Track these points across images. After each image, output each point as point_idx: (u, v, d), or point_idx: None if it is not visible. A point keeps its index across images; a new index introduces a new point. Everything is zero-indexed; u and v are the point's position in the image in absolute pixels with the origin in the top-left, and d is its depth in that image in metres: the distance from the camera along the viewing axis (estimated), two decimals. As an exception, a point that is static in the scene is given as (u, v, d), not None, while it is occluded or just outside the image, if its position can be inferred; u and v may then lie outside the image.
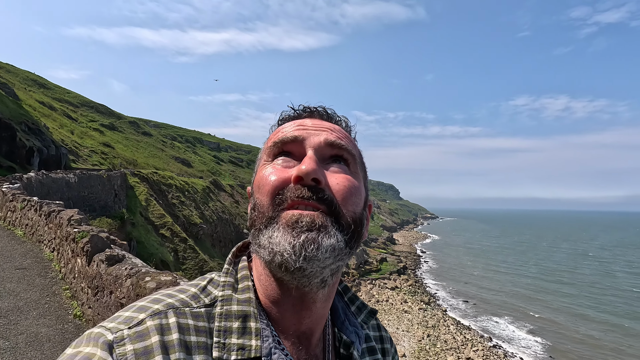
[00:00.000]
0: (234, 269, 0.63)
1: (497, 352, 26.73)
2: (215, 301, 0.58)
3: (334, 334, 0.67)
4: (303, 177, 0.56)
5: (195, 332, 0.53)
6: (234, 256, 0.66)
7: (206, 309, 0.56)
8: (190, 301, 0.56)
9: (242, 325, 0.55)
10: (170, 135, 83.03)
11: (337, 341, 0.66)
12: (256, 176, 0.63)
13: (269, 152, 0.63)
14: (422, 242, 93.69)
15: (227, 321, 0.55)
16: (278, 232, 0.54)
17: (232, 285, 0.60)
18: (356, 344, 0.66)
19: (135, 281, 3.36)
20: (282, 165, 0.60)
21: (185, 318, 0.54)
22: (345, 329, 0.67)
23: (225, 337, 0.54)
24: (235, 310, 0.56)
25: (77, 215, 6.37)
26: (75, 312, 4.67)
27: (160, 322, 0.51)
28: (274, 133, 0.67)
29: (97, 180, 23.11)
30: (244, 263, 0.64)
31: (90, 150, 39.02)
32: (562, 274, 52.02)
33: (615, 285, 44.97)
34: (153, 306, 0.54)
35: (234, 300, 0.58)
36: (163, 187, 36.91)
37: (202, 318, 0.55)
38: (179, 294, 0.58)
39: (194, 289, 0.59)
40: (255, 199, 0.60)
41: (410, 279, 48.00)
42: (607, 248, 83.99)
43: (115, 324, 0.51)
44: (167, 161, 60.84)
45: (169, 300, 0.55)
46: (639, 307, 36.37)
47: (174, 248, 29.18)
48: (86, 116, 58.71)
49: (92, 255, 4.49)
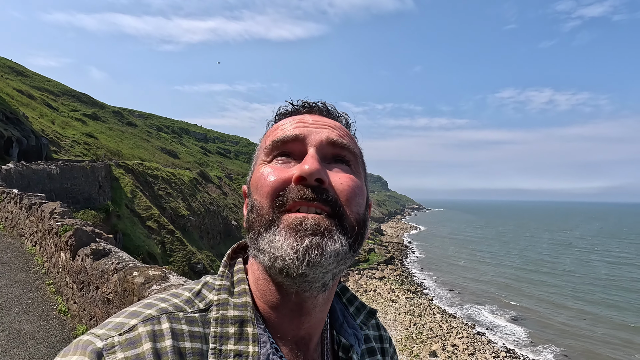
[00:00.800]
0: (230, 271, 0.60)
1: (481, 339, 27.52)
2: (210, 306, 0.55)
3: (332, 336, 0.64)
4: (306, 177, 0.53)
5: (190, 338, 0.50)
6: (230, 258, 0.62)
7: (201, 314, 0.54)
8: (184, 306, 0.54)
9: (239, 331, 0.53)
10: (155, 125, 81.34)
11: (335, 344, 0.64)
12: (253, 176, 0.60)
13: (267, 151, 0.59)
14: (409, 232, 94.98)
15: (223, 326, 0.53)
16: (280, 235, 0.52)
17: (228, 288, 0.57)
18: (355, 347, 0.63)
19: (122, 276, 3.29)
20: (281, 164, 0.57)
21: (179, 323, 0.51)
22: (344, 331, 0.64)
23: (221, 343, 0.51)
24: (232, 315, 0.54)
25: (59, 208, 6.20)
26: (60, 308, 4.57)
27: (152, 328, 0.49)
28: (271, 130, 0.63)
29: (80, 171, 22.52)
30: (240, 266, 0.61)
31: (73, 140, 37.93)
32: (544, 263, 53.62)
33: (593, 274, 46.60)
34: (145, 311, 0.51)
35: (230, 304, 0.55)
36: (149, 179, 36.28)
37: (197, 323, 0.52)
38: (173, 298, 0.55)
39: (187, 293, 0.57)
40: (252, 200, 0.57)
41: (398, 269, 48.75)
42: (586, 238, 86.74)
43: (105, 331, 0.48)
44: (153, 152, 59.70)
45: (162, 305, 0.53)
46: (615, 296, 37.87)
47: (161, 240, 28.84)
48: (67, 105, 56.93)
49: (77, 250, 4.38)
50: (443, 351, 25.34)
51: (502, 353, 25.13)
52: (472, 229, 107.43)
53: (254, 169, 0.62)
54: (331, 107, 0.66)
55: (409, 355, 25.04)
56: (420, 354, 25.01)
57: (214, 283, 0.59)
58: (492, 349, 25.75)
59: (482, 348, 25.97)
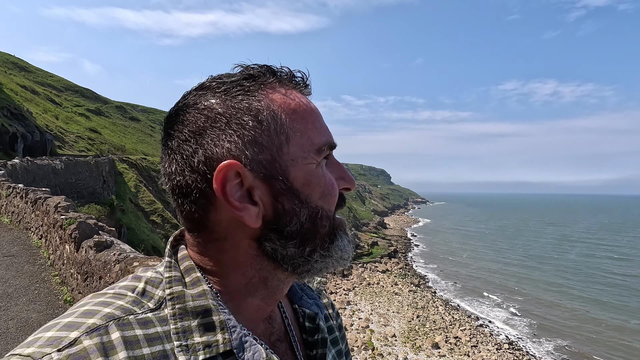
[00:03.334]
0: (175, 260, 0.55)
1: (484, 331, 27.69)
2: (161, 302, 0.49)
3: (294, 310, 0.66)
4: (351, 189, 0.58)
5: (148, 343, 0.44)
6: (172, 246, 0.57)
7: (153, 313, 0.47)
8: (132, 307, 0.47)
9: (203, 322, 0.48)
10: (158, 120, 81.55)
11: (300, 317, 0.65)
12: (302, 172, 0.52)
13: (320, 151, 0.53)
14: (412, 226, 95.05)
15: (184, 320, 0.47)
16: (342, 240, 0.55)
17: (180, 279, 0.51)
18: (319, 314, 0.65)
19: (123, 266, 3.40)
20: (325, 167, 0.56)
21: (132, 329, 0.44)
22: (305, 302, 0.67)
23: (186, 338, 0.46)
24: (192, 307, 0.48)
25: (64, 202, 6.32)
26: (65, 298, 4.70)
27: (101, 340, 0.41)
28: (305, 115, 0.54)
29: (84, 166, 22.74)
30: (184, 252, 0.55)
31: (77, 135, 38.20)
32: (547, 257, 53.53)
33: (597, 270, 46.46)
34: (87, 321, 0.43)
35: (187, 295, 0.49)
36: (153, 173, 36.52)
37: (153, 324, 0.46)
38: (116, 300, 0.47)
39: (131, 293, 0.49)
40: (316, 206, 0.52)
41: (401, 262, 48.93)
42: (591, 232, 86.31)
43: (36, 349, 0.39)
44: (156, 147, 59.95)
45: (106, 310, 0.45)
46: (618, 291, 37.81)
47: (166, 234, 29.12)
48: (71, 101, 57.19)
49: (81, 242, 4.49)
50: (446, 343, 25.54)
51: (505, 345, 25.29)
52: (475, 222, 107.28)
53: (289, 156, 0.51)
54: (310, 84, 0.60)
55: (412, 347, 25.26)
56: (423, 346, 25.22)
57: (158, 277, 0.52)
58: (495, 341, 25.92)
59: (485, 340, 26.14)
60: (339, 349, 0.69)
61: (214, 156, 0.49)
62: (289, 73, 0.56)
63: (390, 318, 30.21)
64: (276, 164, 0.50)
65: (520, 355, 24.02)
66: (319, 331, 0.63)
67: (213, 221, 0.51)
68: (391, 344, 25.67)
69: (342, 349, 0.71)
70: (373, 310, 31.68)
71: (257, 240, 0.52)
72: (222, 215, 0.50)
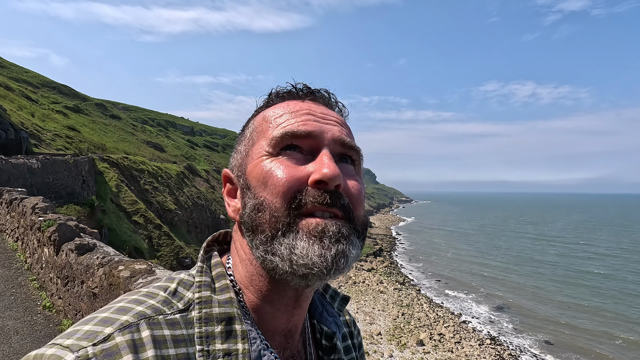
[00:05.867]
0: (208, 266, 0.56)
1: (467, 327, 28.22)
2: (190, 305, 0.51)
3: (312, 325, 0.65)
4: (327, 182, 0.50)
5: (174, 344, 0.46)
6: (205, 252, 0.60)
7: (181, 314, 0.49)
8: (162, 307, 0.49)
9: (226, 329, 0.49)
10: (140, 118, 79.72)
11: (317, 333, 0.64)
12: (254, 168, 0.55)
13: (274, 143, 0.54)
14: (397, 225, 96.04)
15: (209, 325, 0.49)
16: (302, 242, 0.49)
17: (209, 285, 0.53)
18: (337, 334, 0.64)
19: (107, 270, 3.27)
20: (291, 161, 0.53)
21: (160, 329, 0.46)
22: (324, 319, 0.65)
23: (208, 343, 0.48)
24: (217, 313, 0.50)
25: (42, 203, 6.07)
26: (44, 303, 4.50)
27: (132, 337, 0.43)
28: (274, 115, 0.57)
29: (62, 165, 21.98)
30: (217, 259, 0.57)
31: (54, 134, 36.88)
32: (528, 254, 55.04)
33: (576, 266, 48.05)
34: (121, 317, 0.45)
35: (214, 301, 0.51)
36: (135, 173, 35.65)
37: (179, 326, 0.48)
38: (148, 299, 0.49)
39: (163, 293, 0.51)
40: (259, 197, 0.52)
41: (386, 261, 49.35)
42: (568, 229, 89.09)
43: (75, 341, 0.42)
44: (138, 146, 58.57)
45: (139, 308, 0.47)
46: (597, 285, 39.21)
47: (148, 235, 28.48)
48: (48, 97, 55.20)
49: (61, 245, 4.31)
50: (430, 340, 25.90)
51: (487, 340, 25.84)
52: (458, 221, 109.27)
53: (249, 156, 0.57)
54: (333, 96, 0.63)
55: (397, 344, 25.52)
56: (408, 343, 25.51)
57: (190, 280, 0.54)
58: (477, 337, 26.45)
59: (468, 336, 26.64)
60: None
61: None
62: (292, 86, 0.61)
63: (375, 316, 30.43)
64: (243, 164, 0.57)
65: (502, 350, 24.58)
66: (335, 351, 0.63)
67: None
68: (377, 342, 25.87)
69: None
70: (359, 309, 31.84)
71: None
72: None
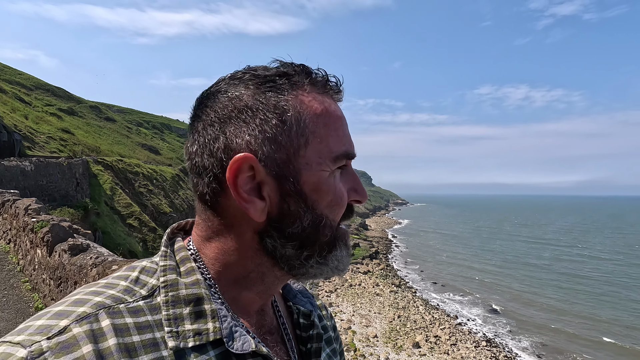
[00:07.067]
0: (171, 250, 0.56)
1: (463, 329, 28.26)
2: (154, 290, 0.50)
3: (288, 307, 0.67)
4: (362, 202, 0.58)
5: (138, 331, 0.45)
6: (169, 238, 0.58)
7: (145, 301, 0.48)
8: (123, 296, 0.47)
9: (195, 310, 0.49)
10: (135, 121, 79.32)
11: (295, 314, 0.66)
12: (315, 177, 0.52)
13: (336, 159, 0.53)
14: (393, 227, 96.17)
15: (176, 308, 0.48)
16: (340, 252, 0.55)
17: (174, 268, 0.53)
18: (314, 312, 0.67)
19: (101, 270, 3.25)
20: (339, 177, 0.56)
21: (122, 317, 0.45)
22: (299, 300, 0.68)
23: (177, 324, 0.47)
24: (185, 295, 0.49)
25: (34, 205, 6.02)
26: (37, 305, 4.45)
27: (90, 328, 0.42)
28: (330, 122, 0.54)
29: (56, 168, 21.80)
30: (181, 244, 0.56)
31: (48, 136, 36.58)
32: (523, 257, 55.33)
33: (570, 269, 48.34)
34: (77, 309, 0.43)
35: (180, 284, 0.50)
36: (129, 176, 35.44)
37: (143, 312, 0.47)
38: (107, 289, 0.48)
39: (124, 282, 0.50)
40: (319, 213, 0.53)
41: (382, 263, 49.35)
42: (563, 232, 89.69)
43: (26, 336, 0.40)
44: (133, 148, 58.25)
45: (97, 299, 0.46)
46: (593, 289, 39.50)
47: (143, 238, 28.29)
48: (41, 100, 54.77)
49: (54, 246, 4.27)
50: (426, 342, 25.90)
51: (483, 343, 25.88)
52: (454, 223, 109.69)
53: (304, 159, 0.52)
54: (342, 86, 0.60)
55: (394, 347, 25.48)
56: (404, 346, 25.48)
57: (153, 267, 0.53)
58: (473, 339, 26.48)
59: (464, 338, 26.67)
60: (334, 348, 0.71)
61: (232, 146, 0.50)
62: (324, 77, 0.56)
63: (371, 319, 30.38)
64: (290, 164, 0.51)
65: (498, 352, 24.63)
66: (313, 327, 0.65)
67: (223, 206, 0.52)
68: (373, 344, 25.81)
69: (336, 348, 0.72)
70: (355, 311, 31.77)
71: (260, 235, 0.53)
72: (231, 202, 0.51)
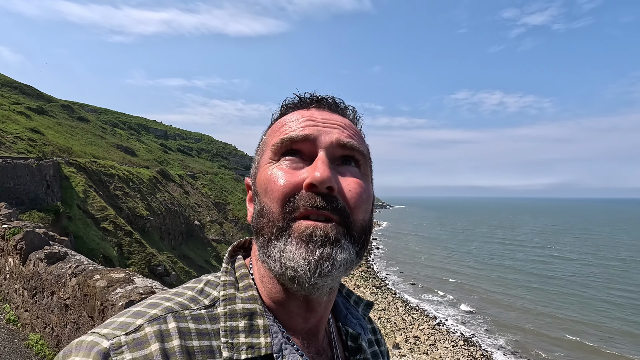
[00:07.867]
0: (232, 267, 0.62)
1: (441, 329, 28.81)
2: (215, 302, 0.55)
3: (338, 328, 0.67)
4: (317, 185, 0.52)
5: (198, 337, 0.50)
6: (230, 255, 0.65)
7: (207, 310, 0.54)
8: (189, 304, 0.54)
9: (249, 324, 0.53)
10: (110, 121, 76.78)
11: (343, 335, 0.67)
12: (260, 175, 0.59)
13: (275, 150, 0.58)
14: (373, 229, 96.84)
15: (233, 320, 0.53)
16: (291, 246, 0.52)
17: (233, 284, 0.58)
18: (362, 335, 0.67)
19: (82, 280, 3.12)
20: (290, 166, 0.56)
21: (186, 322, 0.51)
22: (349, 322, 0.68)
23: (232, 336, 0.52)
24: (241, 309, 0.54)
25: (5, 210, 5.72)
26: (8, 317, 4.22)
27: (159, 328, 0.48)
28: (278, 125, 0.62)
29: (24, 170, 20.78)
30: (241, 261, 0.63)
31: (15, 136, 34.80)
32: (499, 258, 57.04)
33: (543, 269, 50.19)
34: (150, 311, 0.51)
35: (237, 298, 0.55)
36: (104, 178, 34.21)
37: (204, 320, 0.53)
38: (176, 297, 0.55)
39: (190, 292, 0.57)
40: (262, 203, 0.57)
41: (362, 265, 49.67)
42: (536, 233, 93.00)
43: (110, 330, 0.47)
44: (107, 149, 56.25)
45: (167, 304, 0.53)
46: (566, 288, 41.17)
47: (118, 242, 27.32)
48: (8, 98, 52.11)
49: (28, 254, 4.07)
50: (406, 343, 26.23)
51: (460, 342, 26.47)
52: (432, 225, 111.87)
53: (259, 165, 0.61)
54: (340, 101, 0.66)
55: (374, 348, 25.70)
56: (384, 347, 25.75)
57: (216, 280, 0.59)
58: (451, 339, 27.03)
59: (442, 338, 27.18)
60: None
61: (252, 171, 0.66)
62: (298, 97, 0.65)
63: (353, 321, 30.55)
64: (255, 172, 0.63)
65: (474, 351, 25.24)
66: (361, 351, 0.65)
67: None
68: (354, 347, 25.95)
69: None
70: (336, 314, 31.90)
71: None
72: None
